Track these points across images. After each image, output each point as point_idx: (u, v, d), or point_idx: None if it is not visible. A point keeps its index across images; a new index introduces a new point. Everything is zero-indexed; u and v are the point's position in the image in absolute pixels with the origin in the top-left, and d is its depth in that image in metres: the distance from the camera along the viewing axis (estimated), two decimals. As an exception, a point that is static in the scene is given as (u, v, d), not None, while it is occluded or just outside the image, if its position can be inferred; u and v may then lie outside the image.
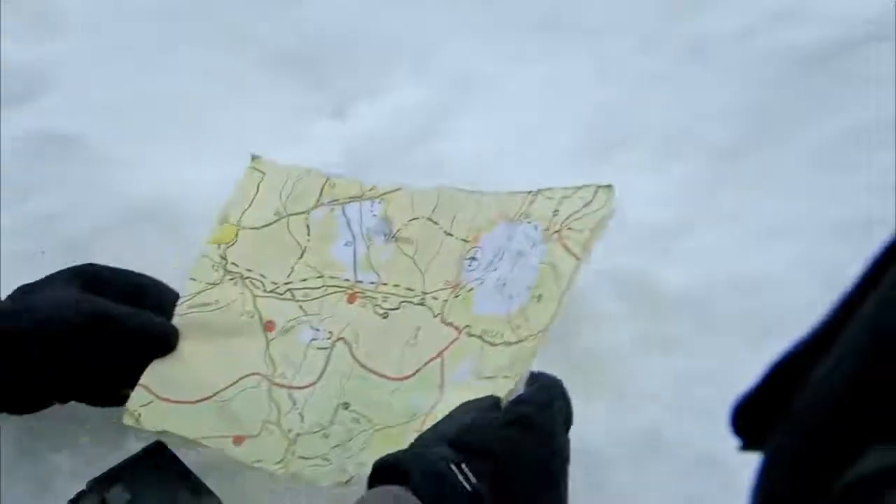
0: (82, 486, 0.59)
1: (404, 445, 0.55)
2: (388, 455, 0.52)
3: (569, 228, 0.65)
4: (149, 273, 0.69)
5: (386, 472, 0.50)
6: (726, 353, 0.66)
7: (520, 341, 0.62)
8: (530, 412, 0.54)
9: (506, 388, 0.59)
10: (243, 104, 0.89)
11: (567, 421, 0.56)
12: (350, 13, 0.91)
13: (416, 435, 0.57)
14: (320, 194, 0.73)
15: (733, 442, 0.31)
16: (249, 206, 0.73)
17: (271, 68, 0.91)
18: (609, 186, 0.66)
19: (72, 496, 0.58)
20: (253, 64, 0.90)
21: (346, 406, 0.63)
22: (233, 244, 0.72)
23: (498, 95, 0.83)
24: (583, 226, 0.64)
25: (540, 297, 0.62)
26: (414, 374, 0.64)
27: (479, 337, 0.63)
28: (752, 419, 0.30)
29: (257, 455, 0.62)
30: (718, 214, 0.73)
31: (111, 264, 0.68)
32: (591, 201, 0.66)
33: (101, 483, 0.59)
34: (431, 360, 0.64)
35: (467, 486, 0.49)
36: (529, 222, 0.67)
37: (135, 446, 0.61)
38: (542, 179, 0.77)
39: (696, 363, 0.68)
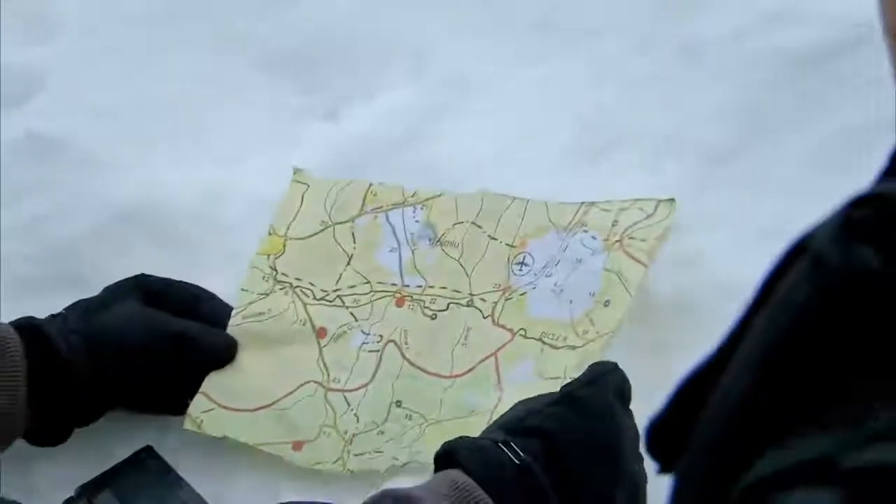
0: (70, 493, 0.58)
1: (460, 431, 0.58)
2: (443, 444, 0.54)
3: (630, 238, 0.67)
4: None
5: (445, 460, 0.52)
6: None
7: (589, 343, 0.64)
8: (574, 388, 0.55)
9: None
10: (236, 106, 0.88)
11: (622, 397, 0.56)
12: (346, 14, 0.89)
13: (478, 429, 0.59)
14: (363, 202, 0.75)
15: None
16: (294, 217, 0.75)
17: (265, 69, 0.90)
18: (671, 200, 0.69)
19: (60, 503, 0.57)
20: (247, 65, 0.89)
21: (398, 404, 0.66)
22: (281, 255, 0.73)
23: (494, 96, 0.82)
24: (646, 235, 0.67)
25: (607, 302, 0.65)
26: (467, 372, 0.66)
27: (539, 339, 0.66)
28: (665, 441, 0.31)
29: (316, 458, 0.64)
30: (714, 215, 0.71)
31: (101, 267, 0.67)
32: (653, 213, 0.68)
33: (90, 489, 0.58)
34: (485, 359, 0.67)
35: (515, 460, 0.50)
36: (586, 231, 0.69)
37: (122, 452, 0.60)
38: (539, 179, 0.76)
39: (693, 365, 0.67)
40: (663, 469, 0.31)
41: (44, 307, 0.70)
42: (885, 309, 0.24)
